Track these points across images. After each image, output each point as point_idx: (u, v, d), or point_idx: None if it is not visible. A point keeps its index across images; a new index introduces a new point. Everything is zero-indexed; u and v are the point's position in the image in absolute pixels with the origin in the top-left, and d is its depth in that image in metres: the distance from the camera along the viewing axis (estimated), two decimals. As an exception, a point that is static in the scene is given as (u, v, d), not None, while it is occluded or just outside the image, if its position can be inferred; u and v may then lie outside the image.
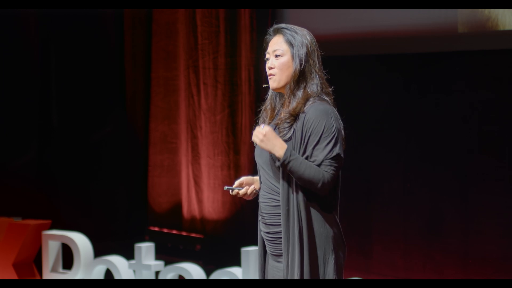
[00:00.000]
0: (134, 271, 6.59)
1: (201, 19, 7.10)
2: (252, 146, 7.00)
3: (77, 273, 6.78)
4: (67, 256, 6.95)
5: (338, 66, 6.21)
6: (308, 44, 3.69)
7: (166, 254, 7.12)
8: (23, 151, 8.11)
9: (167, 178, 7.47)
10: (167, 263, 6.60)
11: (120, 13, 7.70)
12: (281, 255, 3.67)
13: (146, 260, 6.52)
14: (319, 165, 3.56)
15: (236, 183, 3.80)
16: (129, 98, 7.77)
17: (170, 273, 6.39)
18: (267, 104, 3.82)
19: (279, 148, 3.58)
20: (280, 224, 3.67)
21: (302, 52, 3.67)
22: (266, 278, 3.79)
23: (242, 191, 3.79)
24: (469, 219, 5.76)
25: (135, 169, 7.79)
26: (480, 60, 5.73)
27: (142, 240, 7.28)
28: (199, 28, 7.12)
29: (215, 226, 7.05)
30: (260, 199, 3.77)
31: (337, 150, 3.58)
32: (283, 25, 3.74)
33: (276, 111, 3.78)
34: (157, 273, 6.52)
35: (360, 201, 6.30)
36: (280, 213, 3.66)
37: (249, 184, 3.82)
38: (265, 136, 3.60)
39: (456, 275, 5.77)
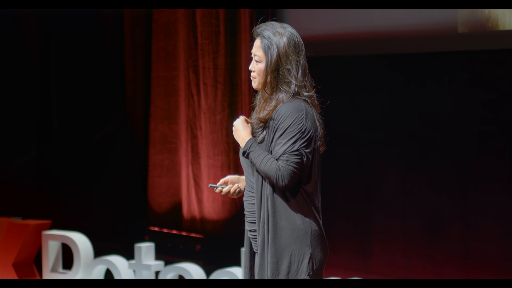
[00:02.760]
0: (134, 271, 6.59)
1: (201, 19, 7.10)
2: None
3: (77, 273, 6.78)
4: (67, 256, 6.95)
5: (338, 66, 6.24)
6: (282, 52, 3.65)
7: (166, 254, 7.12)
8: (23, 151, 8.11)
9: (167, 178, 7.47)
10: (167, 263, 6.60)
11: (120, 13, 7.70)
12: None
13: (146, 260, 6.52)
14: (277, 159, 3.57)
15: (221, 181, 3.82)
16: (129, 98, 7.77)
17: (170, 273, 6.39)
18: (257, 99, 3.84)
19: (242, 140, 3.68)
20: None
21: (274, 61, 3.65)
22: (254, 277, 3.79)
23: (225, 189, 3.80)
24: (469, 219, 5.76)
25: (135, 169, 7.79)
26: (480, 60, 5.73)
27: (142, 240, 7.28)
28: (199, 28, 7.12)
29: (215, 226, 7.05)
30: (244, 198, 3.80)
31: (297, 146, 3.56)
32: (263, 28, 3.71)
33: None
34: (157, 273, 6.52)
35: (360, 201, 6.29)
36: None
37: (234, 183, 3.84)
38: (234, 127, 3.71)
39: (456, 275, 5.77)
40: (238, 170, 6.91)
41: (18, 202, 7.87)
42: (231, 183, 3.83)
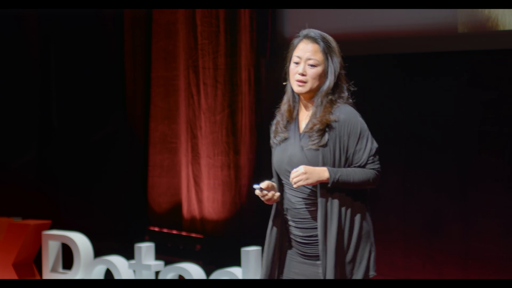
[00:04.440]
0: (134, 271, 6.59)
1: (201, 19, 7.10)
2: (252, 146, 7.01)
3: (77, 273, 6.78)
4: (67, 256, 6.95)
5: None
6: (339, 56, 3.83)
7: (166, 254, 7.11)
8: (23, 151, 8.11)
9: (167, 178, 7.47)
10: (167, 263, 6.60)
11: (120, 13, 7.70)
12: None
13: (146, 260, 6.52)
14: (365, 165, 3.74)
15: (265, 184, 3.82)
16: (129, 98, 7.77)
17: (170, 273, 6.39)
18: (285, 105, 3.89)
19: (322, 174, 3.69)
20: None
21: (337, 66, 3.81)
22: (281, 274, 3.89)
23: (270, 194, 3.82)
24: (469, 219, 5.76)
25: (135, 169, 7.78)
26: (480, 60, 5.73)
27: (142, 240, 7.28)
28: (199, 28, 7.11)
29: (215, 226, 7.05)
30: (293, 206, 3.83)
31: (375, 145, 3.79)
32: (318, 34, 3.81)
33: (295, 112, 3.86)
34: (157, 273, 6.52)
35: (360, 201, 6.28)
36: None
37: (274, 190, 3.85)
38: (306, 174, 3.68)
39: (456, 275, 5.78)
40: (238, 170, 6.91)
41: (18, 202, 7.87)
42: (272, 189, 3.85)
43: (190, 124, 7.20)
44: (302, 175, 3.66)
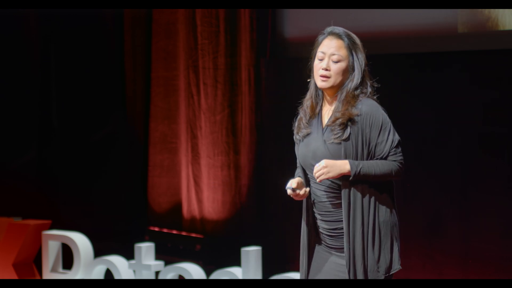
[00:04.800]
0: (134, 271, 6.60)
1: (201, 19, 7.10)
2: (252, 146, 7.01)
3: (77, 273, 6.78)
4: (67, 256, 6.95)
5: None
6: (364, 53, 3.88)
7: (166, 254, 7.12)
8: (23, 151, 8.11)
9: (167, 178, 7.47)
10: (167, 263, 6.60)
11: (120, 13, 7.70)
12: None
13: (146, 260, 6.52)
14: (386, 156, 3.76)
15: (295, 184, 3.84)
16: (129, 98, 7.77)
17: (170, 273, 6.40)
18: (308, 101, 3.93)
19: (343, 167, 3.72)
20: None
21: (362, 62, 3.86)
22: (317, 276, 3.91)
23: (302, 192, 3.85)
24: (469, 219, 5.76)
25: (135, 169, 7.79)
26: (480, 60, 5.73)
27: (142, 240, 7.28)
28: (199, 28, 7.12)
29: (215, 226, 7.05)
30: (318, 199, 3.86)
31: (397, 137, 3.82)
32: (342, 30, 3.88)
33: (318, 108, 3.89)
34: (157, 273, 6.53)
35: (360, 201, 6.28)
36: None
37: (303, 187, 3.89)
38: (327, 167, 3.72)
39: (456, 275, 5.77)
40: (238, 170, 6.91)
41: (18, 202, 7.87)
42: (302, 186, 3.88)
43: (190, 124, 7.21)
44: (323, 168, 3.70)
